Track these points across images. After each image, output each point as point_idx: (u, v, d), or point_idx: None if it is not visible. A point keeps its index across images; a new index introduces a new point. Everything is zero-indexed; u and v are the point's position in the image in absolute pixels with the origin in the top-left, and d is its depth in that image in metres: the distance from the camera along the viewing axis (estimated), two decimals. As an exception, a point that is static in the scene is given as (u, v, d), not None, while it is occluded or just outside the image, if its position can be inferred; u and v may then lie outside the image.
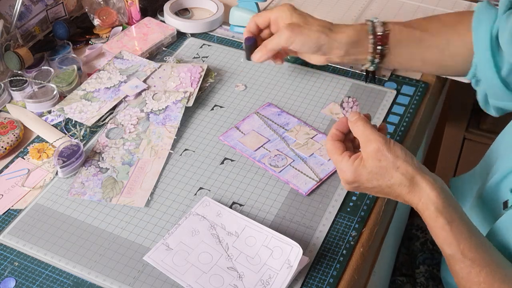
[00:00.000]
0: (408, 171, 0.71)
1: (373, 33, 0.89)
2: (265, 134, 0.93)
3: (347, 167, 0.73)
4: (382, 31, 0.89)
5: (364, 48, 0.90)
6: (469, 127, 1.52)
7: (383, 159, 0.71)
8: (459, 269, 0.68)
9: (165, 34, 1.13)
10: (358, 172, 0.73)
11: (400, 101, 1.00)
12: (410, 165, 0.72)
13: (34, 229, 0.82)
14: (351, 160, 0.73)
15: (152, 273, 0.75)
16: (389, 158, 0.71)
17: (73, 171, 0.89)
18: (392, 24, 0.90)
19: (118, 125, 0.96)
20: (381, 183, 0.72)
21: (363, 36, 0.89)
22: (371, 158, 0.72)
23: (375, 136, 0.73)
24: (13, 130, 0.95)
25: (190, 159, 0.91)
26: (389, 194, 0.73)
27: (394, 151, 0.72)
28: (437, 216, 0.69)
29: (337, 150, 0.75)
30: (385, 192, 0.73)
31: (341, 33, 0.89)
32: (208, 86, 1.04)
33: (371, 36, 0.89)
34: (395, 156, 0.72)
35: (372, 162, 0.72)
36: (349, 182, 0.74)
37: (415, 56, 0.91)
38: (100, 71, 1.05)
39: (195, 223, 0.80)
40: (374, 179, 0.72)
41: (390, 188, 0.72)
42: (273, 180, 0.87)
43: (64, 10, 1.15)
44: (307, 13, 0.93)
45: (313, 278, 0.74)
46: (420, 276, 1.03)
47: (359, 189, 0.75)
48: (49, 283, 0.75)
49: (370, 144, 0.72)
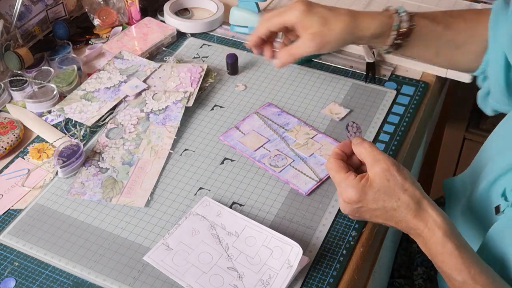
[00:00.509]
0: (415, 194, 0.70)
1: (397, 29, 0.86)
2: (265, 134, 0.93)
3: (353, 185, 0.71)
4: (407, 26, 0.86)
5: (384, 39, 0.87)
6: (469, 127, 1.52)
7: (391, 179, 0.70)
8: None
9: (165, 34, 1.13)
10: (364, 191, 0.71)
11: (400, 101, 1.00)
12: (417, 189, 0.71)
13: (34, 229, 0.82)
14: (358, 179, 0.72)
15: (152, 273, 0.75)
16: (398, 179, 0.70)
17: (73, 171, 0.89)
18: (418, 18, 0.88)
19: (118, 125, 0.96)
20: (386, 205, 0.71)
21: (387, 30, 0.86)
22: (378, 177, 0.70)
23: (384, 156, 0.72)
24: (13, 130, 0.95)
25: (190, 159, 0.91)
26: (392, 217, 0.72)
27: (403, 172, 0.71)
28: (445, 241, 0.68)
29: (342, 169, 0.73)
30: (388, 215, 0.72)
31: (366, 29, 0.86)
32: (208, 86, 1.04)
33: (394, 32, 0.86)
34: (404, 178, 0.71)
35: (380, 182, 0.70)
36: (352, 202, 0.72)
37: (430, 49, 0.90)
38: (100, 71, 1.05)
39: (195, 223, 0.80)
40: (380, 199, 0.71)
41: (395, 210, 0.71)
42: (273, 180, 0.87)
43: (64, 10, 1.15)
44: (323, 7, 0.87)
45: (313, 278, 0.74)
46: (418, 278, 1.03)
47: (361, 211, 0.73)
48: (49, 283, 0.75)
49: (378, 164, 0.71)
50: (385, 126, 0.95)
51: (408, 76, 1.04)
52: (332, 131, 0.94)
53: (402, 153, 0.92)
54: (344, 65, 1.07)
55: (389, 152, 0.91)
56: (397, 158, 0.91)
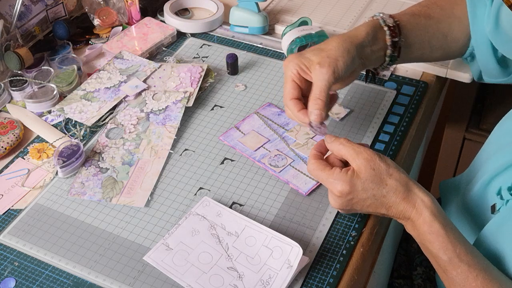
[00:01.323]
0: (401, 177, 0.72)
1: (386, 25, 0.86)
2: (265, 134, 0.93)
3: (341, 178, 0.73)
4: (392, 22, 0.86)
5: (382, 42, 0.85)
6: (469, 127, 1.52)
7: (375, 167, 0.72)
8: (456, 274, 0.68)
9: (165, 34, 1.13)
10: (353, 182, 0.72)
11: (400, 101, 1.00)
12: (402, 173, 0.73)
13: (34, 229, 0.82)
14: (343, 171, 0.73)
15: (152, 273, 0.75)
16: (381, 165, 0.72)
17: (73, 171, 0.89)
18: (398, 16, 0.89)
19: (118, 125, 0.96)
20: (375, 192, 0.72)
21: (378, 29, 0.85)
22: (363, 167, 0.72)
23: (363, 148, 0.74)
24: (13, 130, 0.95)
25: (190, 159, 0.91)
26: (382, 204, 0.73)
27: (385, 159, 0.73)
28: (432, 221, 0.69)
29: (325, 166, 0.75)
30: (379, 202, 0.73)
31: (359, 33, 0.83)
32: (208, 86, 1.04)
33: (385, 28, 0.85)
34: (387, 164, 0.73)
35: (366, 171, 0.72)
36: (343, 194, 0.73)
37: (424, 44, 0.91)
38: (100, 71, 1.05)
39: (195, 223, 0.80)
40: (369, 188, 0.72)
41: (385, 197, 0.72)
42: (273, 180, 0.87)
43: (64, 10, 1.15)
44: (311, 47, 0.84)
45: (313, 278, 0.74)
46: (417, 278, 1.03)
47: (352, 203, 0.74)
48: (49, 283, 0.75)
49: (360, 155, 0.73)
50: (385, 126, 0.95)
51: (408, 76, 1.04)
52: (332, 131, 0.94)
53: (402, 153, 0.92)
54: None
55: (389, 152, 0.91)
56: (397, 158, 0.91)
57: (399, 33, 0.87)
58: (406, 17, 0.89)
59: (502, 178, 0.77)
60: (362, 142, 0.92)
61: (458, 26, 0.91)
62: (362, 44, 0.83)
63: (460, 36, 0.91)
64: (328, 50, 0.80)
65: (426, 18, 0.90)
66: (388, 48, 0.86)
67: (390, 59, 0.87)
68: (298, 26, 1.07)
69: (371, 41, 0.84)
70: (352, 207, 0.75)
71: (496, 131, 0.87)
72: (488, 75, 0.92)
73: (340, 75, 0.79)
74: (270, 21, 1.16)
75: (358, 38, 0.82)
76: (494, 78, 0.92)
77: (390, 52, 0.86)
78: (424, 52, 0.92)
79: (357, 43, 0.82)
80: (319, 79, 0.78)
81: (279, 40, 1.12)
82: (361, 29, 0.85)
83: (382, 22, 0.86)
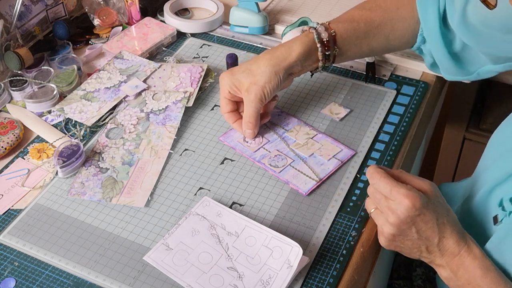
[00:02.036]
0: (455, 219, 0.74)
1: (320, 41, 0.89)
2: (265, 134, 0.93)
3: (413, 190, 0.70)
4: (327, 36, 0.89)
5: (314, 57, 0.90)
6: (469, 127, 1.52)
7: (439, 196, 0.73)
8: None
9: (165, 34, 1.13)
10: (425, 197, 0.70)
11: (400, 101, 1.00)
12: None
13: (34, 229, 0.82)
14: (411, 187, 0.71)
15: (152, 273, 0.75)
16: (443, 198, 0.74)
17: (73, 171, 0.89)
18: (335, 24, 0.91)
19: (118, 125, 0.96)
20: (438, 217, 0.71)
21: (311, 45, 0.89)
22: (430, 191, 0.72)
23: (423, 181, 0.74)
24: (13, 130, 0.95)
25: (190, 159, 0.91)
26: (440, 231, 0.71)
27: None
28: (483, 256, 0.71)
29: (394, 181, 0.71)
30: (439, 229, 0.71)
31: (290, 52, 0.88)
32: (208, 86, 1.04)
33: (319, 44, 0.89)
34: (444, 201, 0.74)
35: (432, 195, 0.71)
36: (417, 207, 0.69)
37: (362, 48, 0.93)
38: (100, 71, 1.05)
39: (195, 223, 0.80)
40: (436, 210, 0.71)
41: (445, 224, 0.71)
42: (273, 180, 0.87)
43: (64, 10, 1.15)
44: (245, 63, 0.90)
45: (313, 278, 0.74)
46: (417, 278, 1.03)
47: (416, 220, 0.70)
48: (49, 283, 0.75)
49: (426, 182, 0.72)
50: (385, 126, 0.95)
51: (408, 76, 1.04)
52: (332, 131, 0.94)
53: (402, 153, 0.92)
54: (344, 65, 1.06)
55: (389, 152, 0.91)
56: (396, 158, 0.91)
57: (333, 44, 0.90)
58: (344, 25, 0.91)
59: (503, 188, 0.76)
60: (362, 142, 0.92)
61: (402, 25, 0.92)
62: (292, 65, 0.88)
63: (404, 34, 0.93)
64: (256, 75, 0.86)
65: (366, 23, 0.91)
66: (319, 61, 0.91)
67: (323, 68, 0.93)
68: (298, 26, 1.07)
69: (302, 60, 0.89)
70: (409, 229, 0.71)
71: (495, 138, 0.86)
72: (446, 71, 0.93)
73: (268, 98, 0.88)
74: (270, 21, 1.16)
75: (288, 61, 0.87)
76: (453, 75, 0.93)
77: (322, 64, 0.91)
78: (363, 53, 0.96)
79: (286, 66, 0.87)
80: (247, 105, 0.88)
81: (279, 40, 1.12)
82: (294, 48, 0.88)
83: (317, 37, 0.89)
